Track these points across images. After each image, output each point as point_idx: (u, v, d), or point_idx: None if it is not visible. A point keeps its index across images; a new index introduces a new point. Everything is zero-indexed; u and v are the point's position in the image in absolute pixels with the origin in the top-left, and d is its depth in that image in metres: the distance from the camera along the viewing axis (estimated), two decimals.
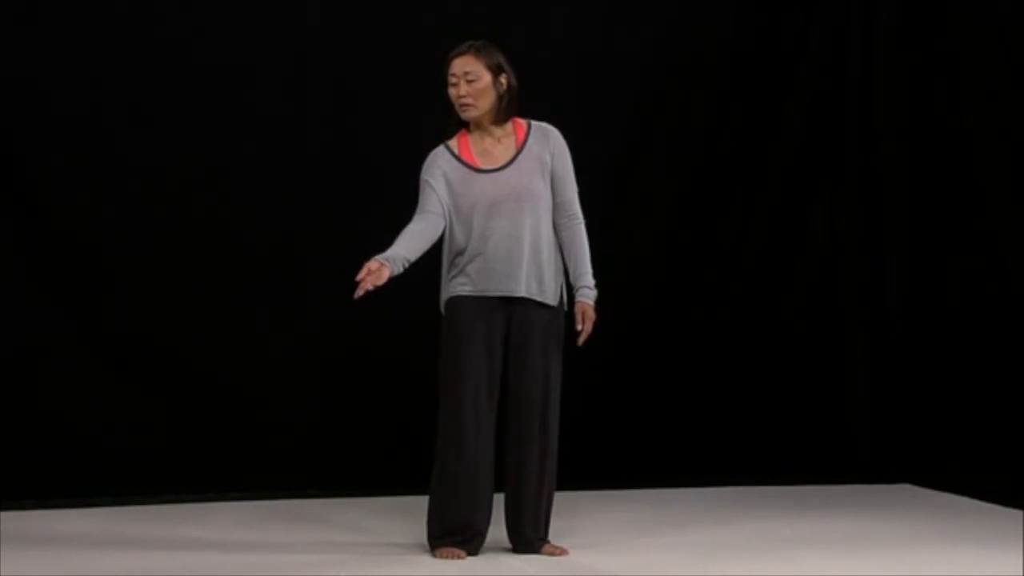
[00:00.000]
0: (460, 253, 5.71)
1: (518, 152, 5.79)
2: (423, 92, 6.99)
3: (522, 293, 5.72)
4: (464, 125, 5.81)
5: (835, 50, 7.82)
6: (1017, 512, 6.71)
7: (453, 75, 5.73)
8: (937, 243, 7.60)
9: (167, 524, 6.41)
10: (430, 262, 5.78)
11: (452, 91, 5.74)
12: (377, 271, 5.54)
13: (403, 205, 5.80)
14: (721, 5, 7.71)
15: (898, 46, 7.79)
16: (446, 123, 5.83)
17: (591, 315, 5.78)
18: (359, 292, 5.51)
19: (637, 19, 7.60)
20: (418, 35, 7.22)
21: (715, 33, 7.70)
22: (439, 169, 5.75)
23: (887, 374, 7.78)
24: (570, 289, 5.84)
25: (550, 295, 5.78)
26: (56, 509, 6.70)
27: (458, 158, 5.76)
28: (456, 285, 5.71)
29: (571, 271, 5.83)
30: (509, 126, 5.82)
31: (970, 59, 7.39)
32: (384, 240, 6.91)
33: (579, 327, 5.77)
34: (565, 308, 5.83)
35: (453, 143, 5.80)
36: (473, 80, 5.72)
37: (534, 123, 5.85)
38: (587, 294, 5.80)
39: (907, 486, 7.61)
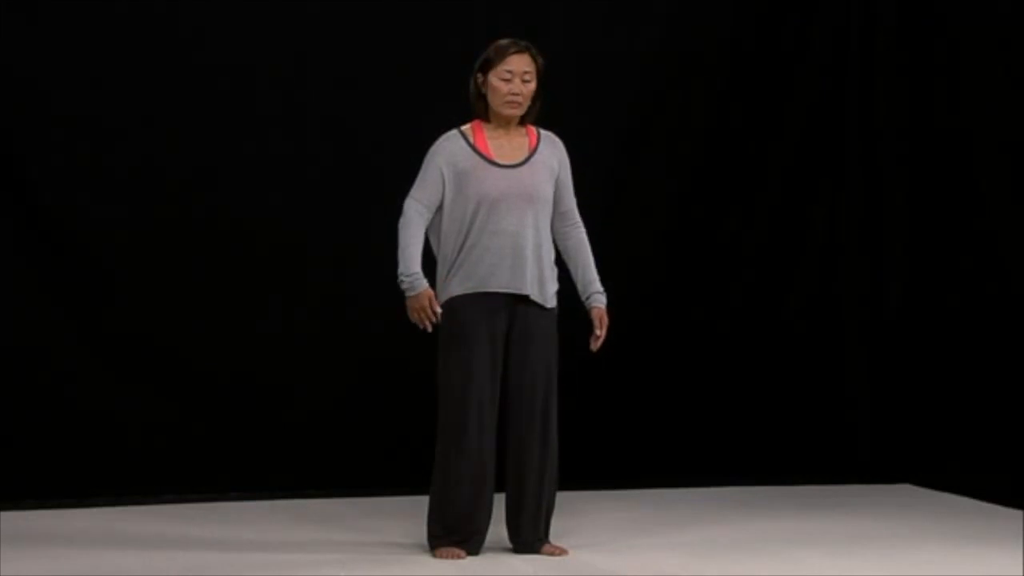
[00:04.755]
0: (458, 249, 5.70)
1: (531, 153, 5.80)
2: (423, 92, 7.02)
3: (527, 291, 5.73)
4: (482, 116, 5.80)
5: (835, 50, 7.82)
6: (1017, 512, 6.71)
7: (510, 71, 5.71)
8: (937, 243, 7.60)
9: (167, 524, 6.41)
10: (430, 263, 5.78)
11: (504, 86, 5.71)
12: (422, 305, 5.67)
13: (403, 205, 5.80)
14: (721, 5, 7.71)
15: (898, 46, 7.79)
16: (446, 123, 5.82)
17: (606, 321, 5.81)
18: (428, 328, 5.69)
19: (637, 19, 7.59)
20: (418, 35, 7.23)
21: (715, 33, 7.70)
22: (450, 156, 5.73)
23: (887, 374, 7.78)
24: (563, 295, 5.85)
25: (549, 299, 5.80)
26: (56, 509, 6.70)
27: (473, 147, 5.75)
28: (456, 284, 5.70)
29: (580, 277, 5.86)
30: (523, 128, 5.83)
31: (970, 59, 7.39)
32: (383, 240, 6.93)
33: (597, 332, 5.80)
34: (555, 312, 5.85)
35: (468, 131, 5.79)
36: (528, 81, 5.74)
37: (542, 130, 5.86)
38: (601, 300, 5.85)
39: (907, 486, 7.61)
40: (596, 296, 5.85)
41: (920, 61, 7.71)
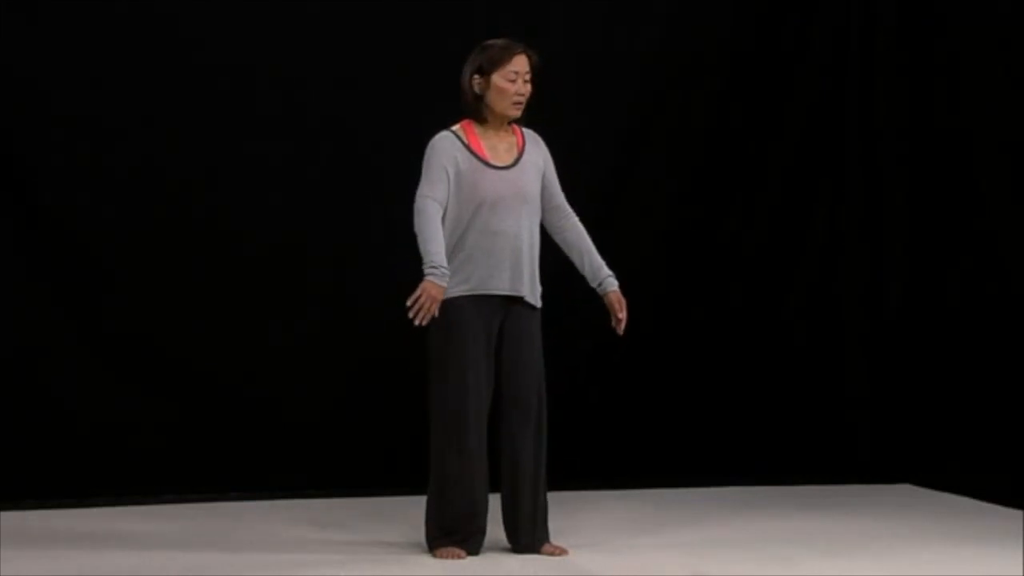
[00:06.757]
0: (452, 250, 5.68)
1: (520, 154, 5.80)
2: (423, 92, 7.01)
3: (523, 292, 5.74)
4: (476, 117, 5.80)
5: (835, 50, 7.82)
6: (1017, 512, 6.71)
7: (515, 72, 5.72)
8: (937, 243, 7.60)
9: (167, 524, 6.42)
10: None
11: (511, 87, 5.71)
12: (436, 296, 5.55)
13: (403, 205, 5.80)
14: (721, 5, 7.71)
15: (898, 46, 7.79)
16: (445, 123, 5.82)
17: (624, 301, 5.84)
18: (421, 321, 5.53)
19: (637, 19, 7.60)
20: (419, 35, 7.22)
21: (715, 33, 7.70)
22: (452, 157, 5.72)
23: (887, 374, 7.78)
24: (563, 292, 5.85)
25: (538, 299, 5.82)
26: (56, 509, 6.70)
27: (469, 148, 5.75)
28: (452, 285, 5.67)
29: (587, 266, 5.87)
30: (510, 128, 5.84)
31: (970, 59, 7.39)
32: (383, 240, 6.95)
33: (619, 316, 5.82)
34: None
35: (460, 132, 5.79)
36: (528, 81, 5.75)
37: (524, 129, 5.87)
38: (613, 283, 5.86)
39: (907, 486, 7.61)
40: (608, 280, 5.86)
41: (920, 61, 7.71)
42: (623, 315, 5.84)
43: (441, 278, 5.56)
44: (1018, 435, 6.98)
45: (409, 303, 5.53)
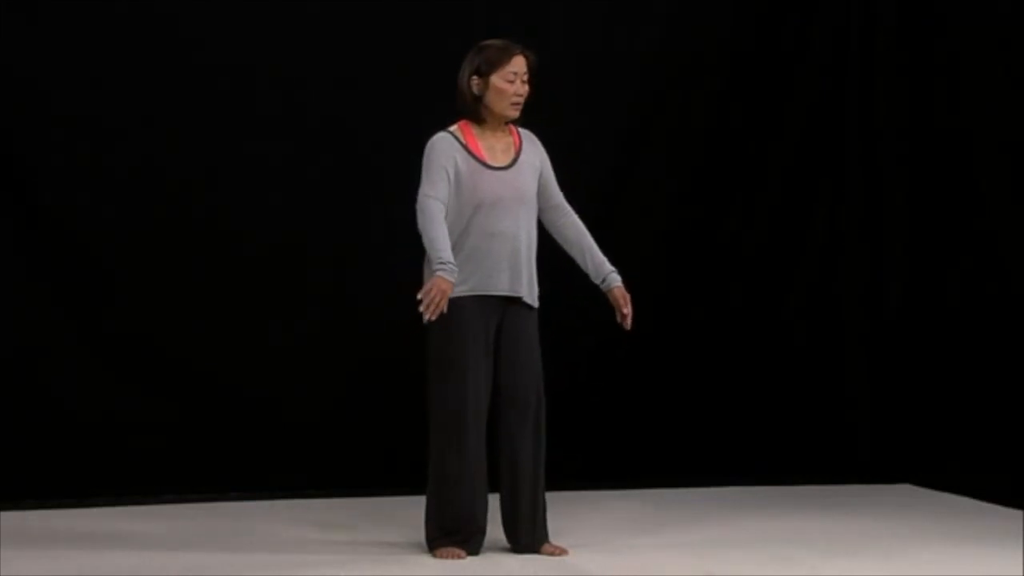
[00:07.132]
0: (454, 250, 5.66)
1: (517, 154, 5.81)
2: (423, 92, 7.01)
3: (521, 293, 5.74)
4: (473, 118, 5.80)
5: (835, 50, 7.82)
6: (1017, 512, 6.71)
7: (514, 72, 5.72)
8: (937, 243, 7.60)
9: (167, 524, 6.42)
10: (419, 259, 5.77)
11: (510, 88, 5.72)
12: (447, 290, 5.52)
13: (403, 205, 5.80)
14: (721, 5, 7.71)
15: (898, 46, 7.79)
16: (445, 123, 5.82)
17: (628, 296, 5.84)
18: (431, 316, 5.49)
19: (637, 19, 7.60)
20: (419, 35, 7.22)
21: (715, 33, 7.70)
22: (451, 157, 5.72)
23: (887, 374, 7.78)
24: (564, 291, 5.85)
25: (536, 299, 5.82)
26: (56, 509, 6.70)
27: (467, 149, 5.75)
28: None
29: (590, 262, 5.88)
30: (506, 128, 5.84)
31: (970, 59, 7.39)
32: (383, 240, 6.94)
33: (625, 311, 5.82)
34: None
35: (458, 133, 5.78)
36: (526, 82, 5.75)
37: (520, 128, 5.86)
38: (617, 279, 5.87)
39: (907, 486, 7.61)
40: (612, 277, 5.86)
41: (920, 61, 7.71)
42: (628, 310, 5.84)
43: (450, 273, 5.55)
44: (1018, 435, 6.98)
45: (420, 297, 5.53)
